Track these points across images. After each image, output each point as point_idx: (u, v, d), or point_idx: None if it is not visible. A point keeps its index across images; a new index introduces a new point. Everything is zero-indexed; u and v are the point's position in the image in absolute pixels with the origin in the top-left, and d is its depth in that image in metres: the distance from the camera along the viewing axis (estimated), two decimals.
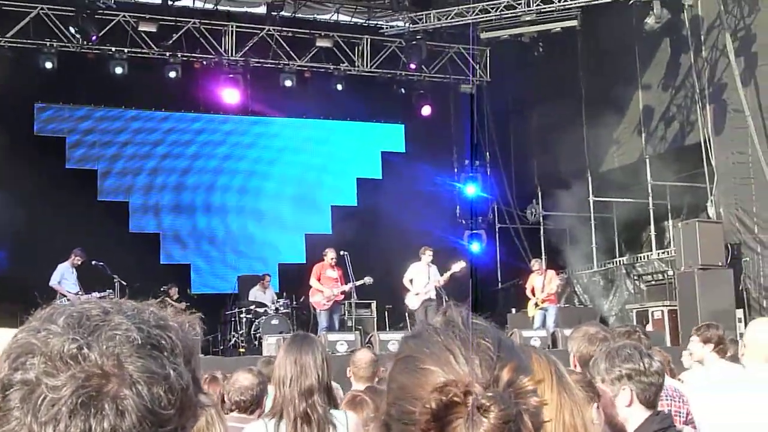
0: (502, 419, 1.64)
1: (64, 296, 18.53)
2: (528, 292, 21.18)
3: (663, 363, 4.98)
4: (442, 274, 19.73)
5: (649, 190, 23.97)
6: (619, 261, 25.31)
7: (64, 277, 19.22)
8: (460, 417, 1.66)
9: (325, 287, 19.30)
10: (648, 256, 24.47)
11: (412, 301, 19.76)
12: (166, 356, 1.42)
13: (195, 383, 1.48)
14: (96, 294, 18.82)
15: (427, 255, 20.03)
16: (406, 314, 20.22)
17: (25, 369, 1.36)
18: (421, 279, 19.78)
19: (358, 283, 19.40)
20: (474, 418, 1.65)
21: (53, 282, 18.99)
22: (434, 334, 1.80)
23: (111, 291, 19.04)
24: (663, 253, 23.85)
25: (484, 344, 1.76)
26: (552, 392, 2.33)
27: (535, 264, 21.62)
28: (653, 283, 23.69)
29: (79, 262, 19.52)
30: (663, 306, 21.46)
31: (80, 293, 18.79)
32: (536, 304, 20.82)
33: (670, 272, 22.33)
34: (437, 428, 1.68)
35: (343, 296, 19.54)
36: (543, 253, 24.92)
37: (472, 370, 1.71)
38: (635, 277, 24.49)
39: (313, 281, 19.51)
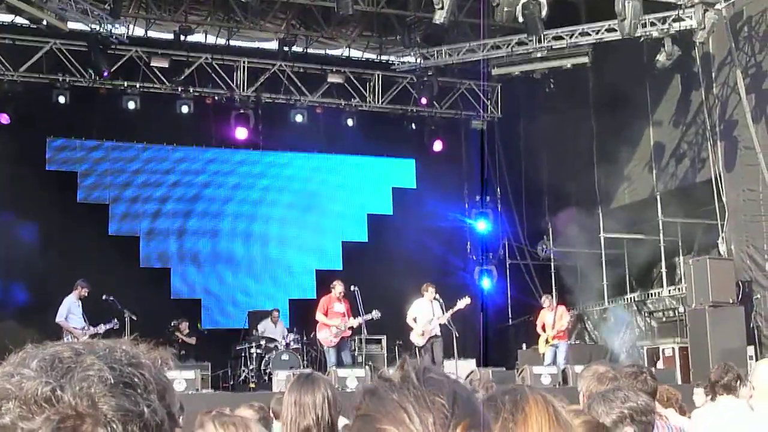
0: None
1: (70, 333, 18.51)
2: (539, 329, 21.15)
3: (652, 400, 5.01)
4: (447, 310, 19.61)
5: (660, 227, 23.91)
6: (630, 298, 25.23)
7: (71, 311, 19.15)
8: None
9: (332, 321, 19.21)
10: (659, 293, 24.38)
11: (417, 339, 19.68)
12: (139, 393, 1.43)
13: (170, 418, 1.48)
14: (102, 326, 18.85)
15: (430, 291, 19.95)
16: (416, 350, 20.14)
17: (0, 414, 1.36)
18: (425, 316, 19.72)
19: (367, 317, 19.28)
20: None
21: (60, 318, 18.90)
22: (389, 391, 1.80)
23: (116, 321, 19.04)
24: (674, 290, 23.76)
25: (438, 401, 1.76)
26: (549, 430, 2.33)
27: (545, 300, 21.59)
28: (664, 320, 23.60)
29: (86, 294, 19.48)
30: (674, 343, 21.38)
31: (86, 328, 18.75)
32: (547, 341, 20.79)
33: (681, 309, 22.25)
34: None
35: (350, 332, 19.44)
36: (553, 290, 24.84)
37: (425, 429, 1.71)
38: (646, 314, 24.40)
39: (319, 316, 19.38)
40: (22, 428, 1.34)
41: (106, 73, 23.46)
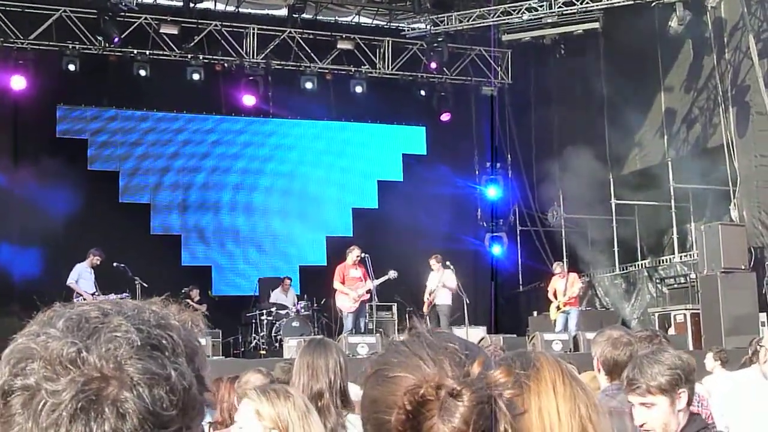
0: (475, 401, 1.65)
1: (80, 295, 18.54)
2: (550, 295, 21.14)
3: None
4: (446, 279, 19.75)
5: (672, 193, 23.87)
6: (641, 264, 25.20)
7: (82, 276, 19.21)
8: (435, 414, 1.66)
9: (350, 288, 19.23)
10: (670, 259, 24.37)
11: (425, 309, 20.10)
12: (167, 356, 1.40)
13: (199, 382, 1.46)
14: (113, 296, 18.87)
15: (432, 264, 20.24)
16: (427, 317, 20.19)
17: (25, 374, 1.35)
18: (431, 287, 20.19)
19: (383, 279, 19.34)
20: (447, 405, 1.65)
21: (70, 281, 18.97)
22: (401, 345, 1.80)
23: (128, 293, 19.07)
24: (685, 256, 23.74)
25: (451, 347, 1.76)
26: (565, 385, 2.31)
27: (557, 267, 21.58)
28: (675, 286, 23.57)
29: (98, 262, 19.51)
30: (685, 309, 21.33)
31: (97, 294, 18.77)
32: (558, 308, 20.78)
33: (693, 275, 22.21)
34: (413, 430, 1.68)
35: (368, 295, 19.46)
36: (564, 256, 24.81)
37: (442, 369, 1.71)
38: (657, 281, 24.38)
39: (337, 284, 19.37)
40: (46, 389, 1.32)
41: (116, 40, 23.40)
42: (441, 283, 20.11)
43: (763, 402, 5.71)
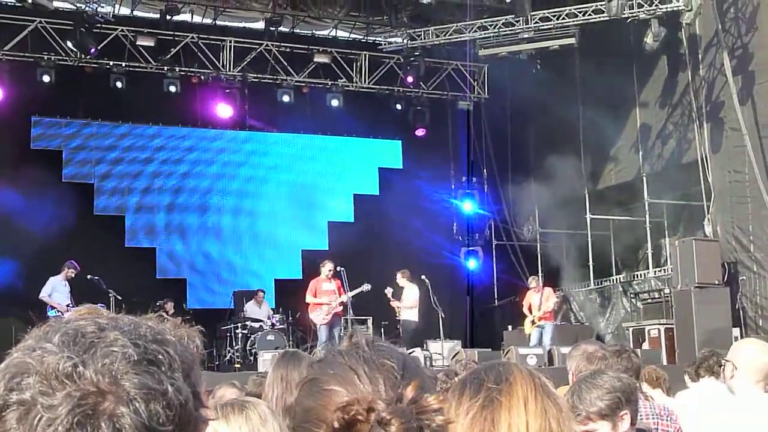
0: (403, 430, 1.64)
1: (54, 308, 18.43)
2: (525, 310, 21.16)
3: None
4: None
5: (646, 208, 23.96)
6: (616, 279, 25.28)
7: (56, 289, 19.10)
8: None
9: (324, 299, 19.18)
10: (645, 274, 24.44)
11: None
12: (163, 371, 1.40)
13: (195, 397, 1.45)
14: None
15: (398, 279, 20.37)
16: (400, 330, 20.21)
17: (20, 389, 1.34)
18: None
19: (356, 291, 19.30)
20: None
21: (43, 294, 18.86)
22: (339, 356, 1.81)
23: (103, 305, 18.94)
24: (660, 271, 23.84)
25: (388, 364, 1.77)
26: (537, 401, 2.32)
27: (532, 281, 21.60)
28: (650, 301, 23.63)
29: (73, 275, 19.44)
30: (659, 324, 21.39)
31: (71, 306, 18.64)
32: (533, 322, 20.81)
33: (667, 290, 22.28)
34: None
35: (342, 308, 19.39)
36: (539, 271, 24.86)
37: (376, 389, 1.71)
38: (632, 295, 24.46)
39: (309, 297, 19.33)
40: (42, 404, 1.32)
41: (93, 51, 23.35)
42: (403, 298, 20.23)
43: (729, 416, 5.73)
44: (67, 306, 18.55)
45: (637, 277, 24.74)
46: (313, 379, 1.81)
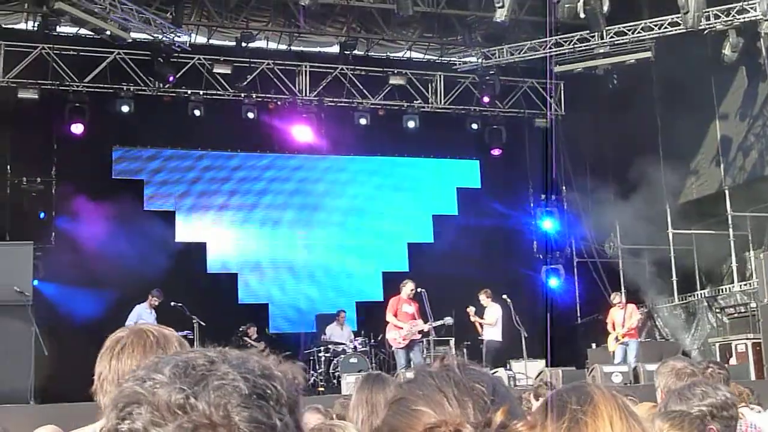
0: None
1: None
2: (609, 327, 20.97)
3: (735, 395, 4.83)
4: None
5: (729, 221, 23.65)
6: (701, 294, 24.95)
7: (142, 317, 19.27)
8: None
9: (403, 323, 19.13)
10: (730, 288, 24.10)
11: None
12: (272, 406, 1.41)
13: (299, 430, 1.47)
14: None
15: (481, 299, 20.46)
16: (483, 349, 20.16)
17: (132, 419, 1.36)
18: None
19: (437, 323, 19.23)
20: None
21: (129, 323, 18.96)
22: (428, 377, 1.79)
23: (190, 332, 19.11)
24: (745, 284, 23.48)
25: (478, 388, 1.74)
26: (622, 420, 2.29)
27: (615, 298, 21.42)
28: (736, 315, 23.29)
29: (157, 303, 19.66)
30: (746, 339, 21.08)
31: None
32: (617, 339, 20.60)
33: (753, 304, 21.95)
34: None
35: (420, 334, 19.32)
36: (622, 287, 24.63)
37: (464, 411, 1.69)
38: (717, 310, 24.12)
39: (389, 317, 19.27)
40: None
41: (171, 78, 23.68)
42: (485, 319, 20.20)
43: None
44: None
45: (722, 291, 24.40)
46: (402, 399, 1.79)
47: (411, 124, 26.28)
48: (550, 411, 2.36)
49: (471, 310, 20.08)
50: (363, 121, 25.93)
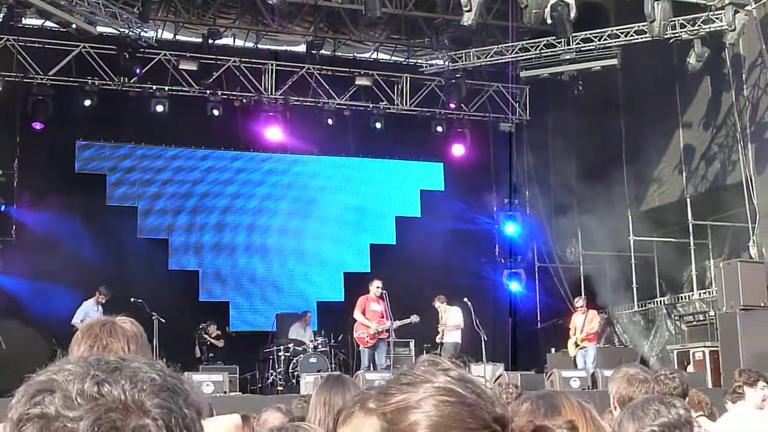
0: None
1: None
2: (571, 332, 21.06)
3: (688, 408, 4.81)
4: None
5: (690, 230, 23.78)
6: (660, 301, 25.09)
7: (88, 315, 19.11)
8: None
9: (371, 322, 19.16)
10: (689, 296, 24.24)
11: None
12: (181, 399, 1.43)
13: None
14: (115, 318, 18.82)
15: (436, 305, 20.47)
16: (440, 351, 20.21)
17: (44, 404, 1.36)
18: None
19: (405, 321, 19.25)
20: None
21: (75, 321, 18.84)
22: (417, 369, 1.77)
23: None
24: (704, 293, 23.62)
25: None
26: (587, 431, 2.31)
27: (578, 301, 21.52)
28: (694, 323, 23.45)
29: (104, 300, 19.56)
30: (704, 347, 21.21)
31: None
32: (576, 344, 20.69)
33: (712, 313, 22.10)
34: None
35: (387, 334, 19.32)
36: (582, 293, 24.71)
37: None
38: (676, 318, 24.27)
39: (357, 314, 19.31)
40: (66, 416, 1.34)
41: (138, 71, 23.58)
42: (444, 322, 20.24)
43: None
44: None
45: (682, 299, 24.54)
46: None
47: (376, 125, 26.31)
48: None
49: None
50: (329, 121, 25.93)
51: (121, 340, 3.62)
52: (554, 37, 23.09)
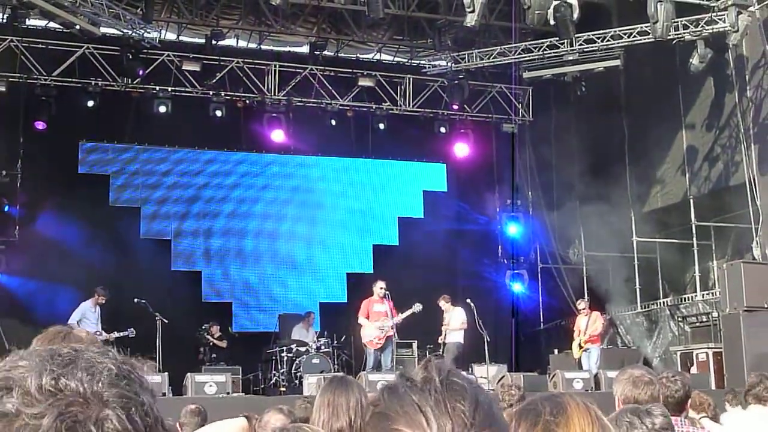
0: None
1: None
2: (575, 334, 21.06)
3: (667, 414, 4.81)
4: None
5: (693, 231, 23.77)
6: (663, 302, 25.07)
7: (85, 316, 19.19)
8: None
9: (375, 322, 19.13)
10: (692, 297, 24.22)
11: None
12: (137, 386, 1.45)
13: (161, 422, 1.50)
14: (115, 333, 18.94)
15: (441, 305, 20.52)
16: (442, 351, 20.21)
17: (2, 403, 1.35)
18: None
19: (408, 312, 19.17)
20: None
21: (72, 321, 18.84)
22: (410, 392, 1.75)
23: (132, 330, 19.09)
24: (707, 294, 23.60)
25: (459, 408, 1.71)
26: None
27: (581, 303, 21.52)
28: (697, 324, 23.41)
29: (103, 301, 19.57)
30: (707, 348, 21.18)
31: (99, 333, 18.58)
32: (580, 345, 20.68)
33: (715, 314, 22.06)
34: None
35: (392, 331, 19.25)
36: (585, 294, 24.69)
37: None
38: (679, 319, 24.25)
39: (361, 319, 19.30)
40: (27, 413, 1.33)
41: (140, 73, 23.57)
42: (447, 323, 20.23)
43: None
44: (96, 333, 18.43)
45: (685, 300, 24.53)
46: (382, 414, 1.77)
47: (379, 126, 26.29)
48: (523, 419, 2.37)
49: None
50: (331, 122, 25.93)
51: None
52: (557, 38, 23.08)
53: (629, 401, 5.48)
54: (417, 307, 19.27)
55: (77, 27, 21.41)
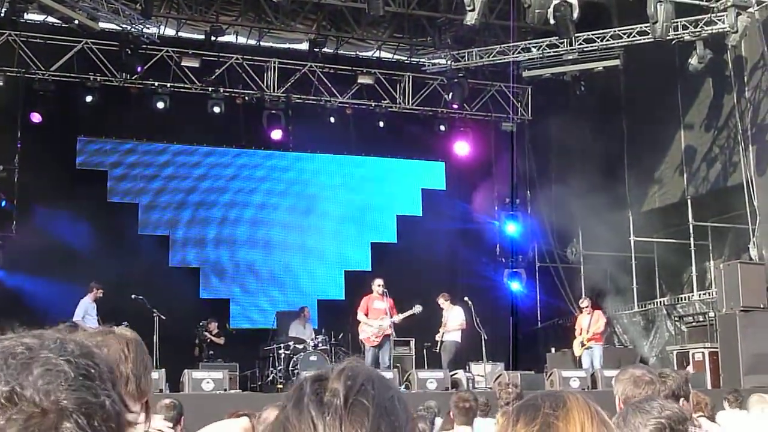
0: None
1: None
2: (577, 332, 21.04)
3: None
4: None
5: (691, 231, 23.79)
6: (660, 302, 25.09)
7: (88, 312, 19.23)
8: None
9: (374, 320, 19.14)
10: (689, 297, 24.25)
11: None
12: (97, 384, 1.43)
13: (123, 404, 1.48)
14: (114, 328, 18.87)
15: (441, 302, 20.46)
16: (439, 350, 20.20)
17: None
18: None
19: (408, 313, 19.13)
20: None
21: (77, 318, 18.88)
22: (311, 406, 1.68)
23: (126, 323, 19.04)
24: (704, 294, 23.63)
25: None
26: (592, 426, 2.32)
27: (584, 302, 21.49)
28: (694, 324, 23.45)
29: (101, 295, 19.59)
30: (704, 348, 21.21)
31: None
32: (582, 344, 20.67)
33: (712, 314, 22.10)
34: None
35: (391, 330, 19.26)
36: (583, 293, 24.71)
37: None
38: (676, 319, 24.27)
39: (360, 316, 19.23)
40: None
41: (139, 68, 23.55)
42: (445, 321, 20.21)
43: None
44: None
45: (682, 300, 24.55)
46: (281, 424, 1.74)
47: (378, 124, 26.27)
48: (522, 413, 2.38)
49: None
50: (331, 120, 25.90)
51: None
52: (557, 38, 23.11)
53: (630, 401, 5.49)
54: (417, 309, 19.23)
55: (76, 22, 21.39)
